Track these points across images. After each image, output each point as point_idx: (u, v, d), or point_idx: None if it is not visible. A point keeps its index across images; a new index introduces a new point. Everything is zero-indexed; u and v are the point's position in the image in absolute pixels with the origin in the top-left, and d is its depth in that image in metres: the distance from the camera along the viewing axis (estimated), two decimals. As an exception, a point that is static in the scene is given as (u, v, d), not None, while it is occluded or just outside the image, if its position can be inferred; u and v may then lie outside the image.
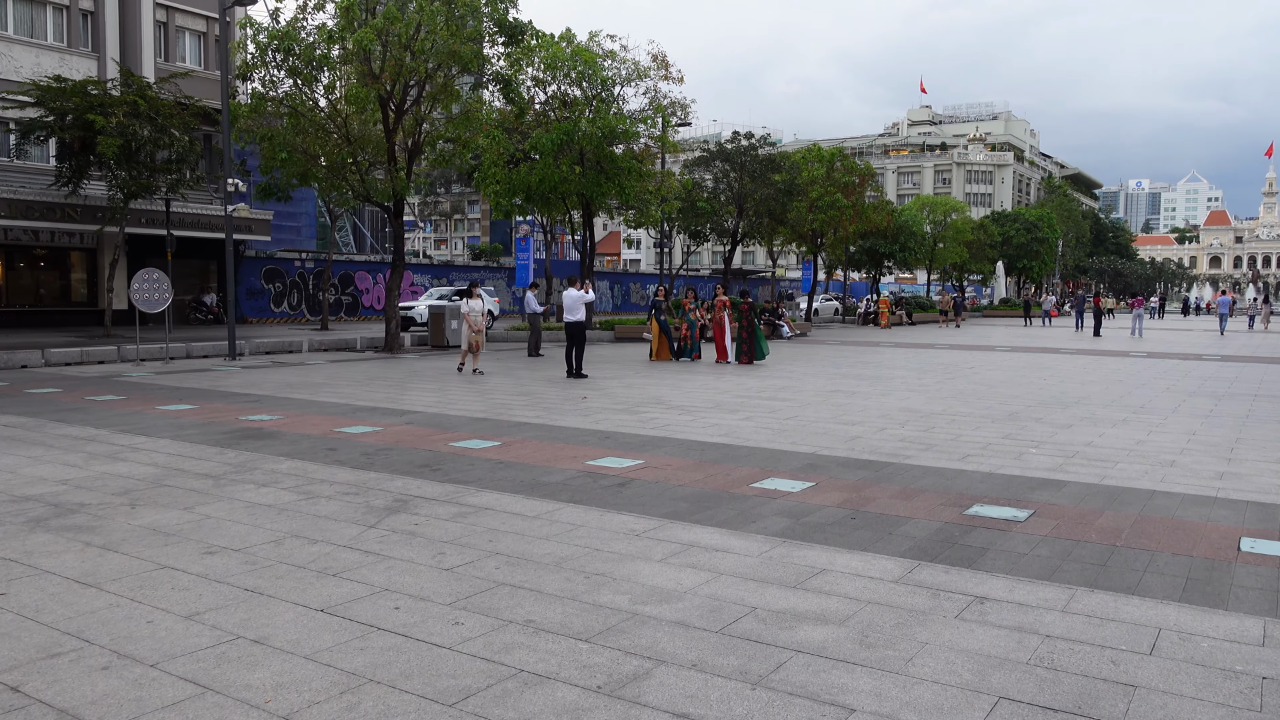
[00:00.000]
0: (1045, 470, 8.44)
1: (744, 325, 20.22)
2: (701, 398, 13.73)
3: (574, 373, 16.90)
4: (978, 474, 8.24)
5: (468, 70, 20.97)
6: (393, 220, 23.08)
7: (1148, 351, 25.71)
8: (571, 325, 17.15)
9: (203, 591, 4.92)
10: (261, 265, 41.37)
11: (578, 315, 17.16)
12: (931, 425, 11.18)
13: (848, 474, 8.17)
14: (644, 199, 30.10)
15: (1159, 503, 7.20)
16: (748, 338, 20.20)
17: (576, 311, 17.19)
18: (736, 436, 10.17)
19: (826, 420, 11.49)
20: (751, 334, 20.16)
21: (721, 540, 6.00)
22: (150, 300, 18.75)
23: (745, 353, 20.16)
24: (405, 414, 11.73)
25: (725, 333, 20.57)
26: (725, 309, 20.64)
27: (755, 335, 20.19)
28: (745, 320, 20.21)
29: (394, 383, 15.62)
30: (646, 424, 11.04)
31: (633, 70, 28.14)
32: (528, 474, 8.04)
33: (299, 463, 8.44)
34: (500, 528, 6.26)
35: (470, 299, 18.01)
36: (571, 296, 17.39)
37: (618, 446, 9.44)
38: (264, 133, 20.91)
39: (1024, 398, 14.23)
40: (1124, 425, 11.37)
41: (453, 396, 13.69)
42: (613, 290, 61.70)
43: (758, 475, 8.05)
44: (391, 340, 22.96)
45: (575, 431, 10.41)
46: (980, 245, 58.51)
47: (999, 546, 5.93)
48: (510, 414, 11.81)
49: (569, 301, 17.37)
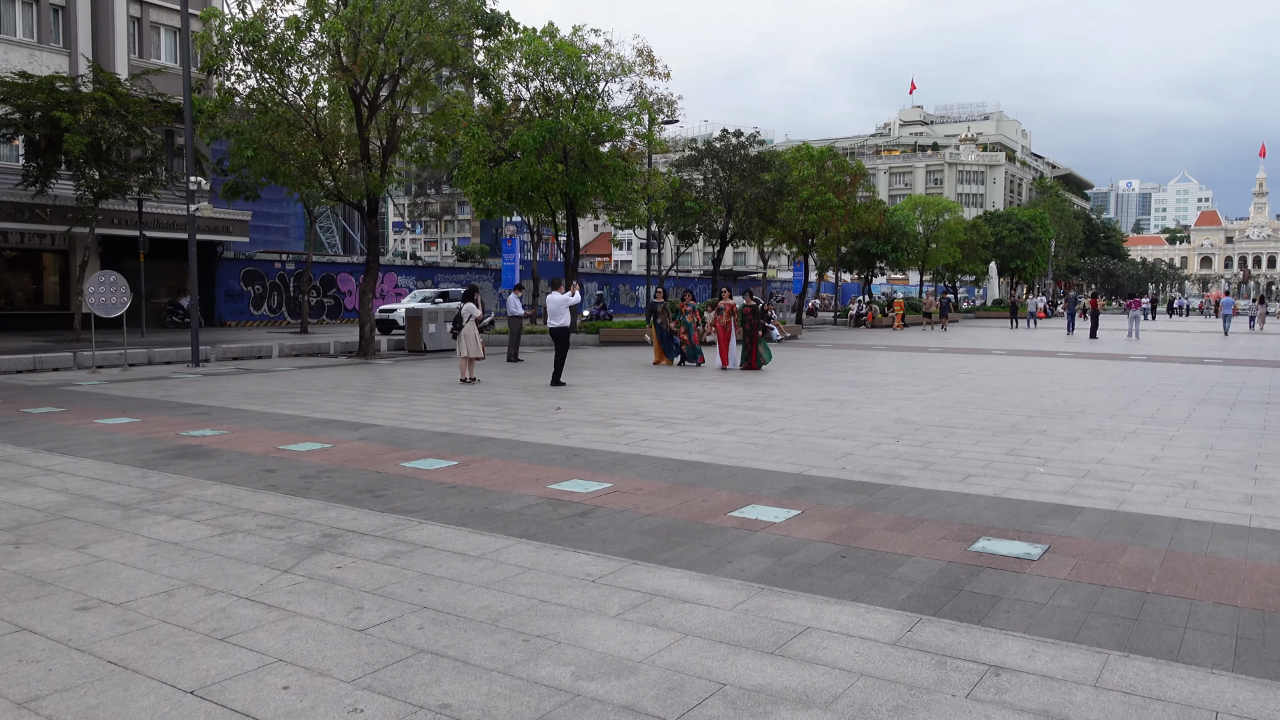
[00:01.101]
0: (1056, 494, 7.63)
1: (749, 330, 19.34)
2: (683, 408, 12.90)
3: (556, 380, 16.10)
4: (982, 498, 7.42)
5: (442, 63, 20.08)
6: (366, 220, 22.19)
7: (1147, 355, 24.98)
8: (554, 331, 16.28)
9: (54, 665, 4.06)
10: (240, 267, 40.40)
11: (561, 320, 16.25)
12: (928, 439, 10.37)
13: (838, 499, 7.34)
14: (630, 198, 29.25)
15: (1188, 535, 6.40)
16: (750, 343, 19.29)
17: (560, 316, 16.26)
18: (717, 453, 9.34)
19: (815, 434, 10.67)
20: (754, 339, 19.27)
21: (690, 587, 5.17)
22: (107, 304, 17.83)
23: (749, 357, 19.30)
24: (362, 428, 10.86)
25: (730, 337, 19.73)
26: (732, 313, 19.79)
27: (760, 340, 19.32)
28: (750, 324, 19.32)
29: (359, 392, 14.75)
30: (621, 439, 10.20)
31: (617, 66, 27.28)
32: (481, 501, 7.19)
33: (227, 488, 7.57)
34: (435, 571, 5.41)
35: (470, 303, 16.74)
36: (555, 300, 16.41)
37: (586, 466, 8.60)
38: (229, 128, 19.99)
39: (1025, 406, 13.43)
40: (1135, 438, 10.57)
41: (418, 407, 12.83)
42: (603, 292, 60.86)
43: (737, 501, 7.22)
44: (366, 345, 22.07)
45: (542, 449, 9.56)
46: (973, 246, 57.78)
47: (1012, 594, 5.11)
48: (475, 428, 10.96)
49: (552, 305, 16.44)
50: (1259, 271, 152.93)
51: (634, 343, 27.63)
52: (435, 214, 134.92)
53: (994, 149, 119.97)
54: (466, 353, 16.21)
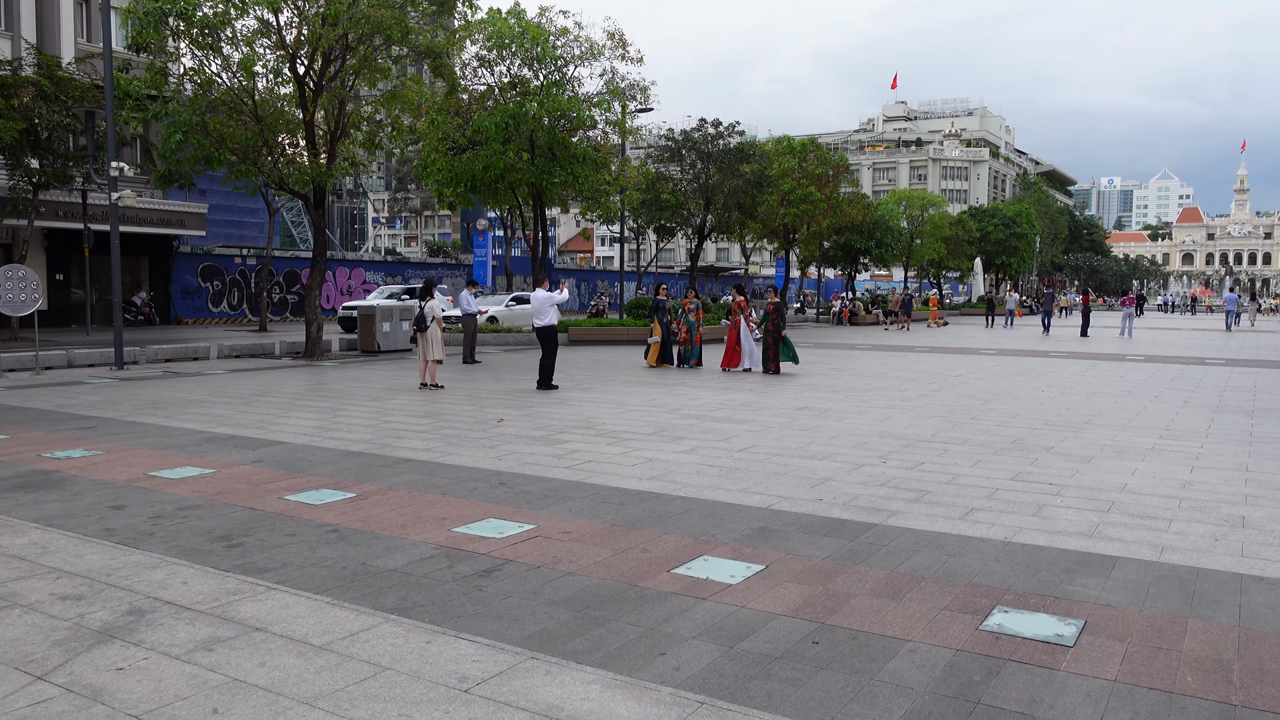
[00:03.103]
0: (1079, 535, 6.22)
1: (771, 329, 17.69)
2: (642, 420, 11.42)
3: (543, 384, 14.63)
4: (990, 544, 5.99)
5: (390, 41, 18.49)
6: (311, 211, 20.57)
7: (1145, 355, 23.71)
8: (539, 331, 14.80)
9: None
10: (198, 262, 38.63)
11: (546, 319, 14.72)
12: (920, 459, 8.94)
13: (812, 547, 5.89)
14: (602, 189, 27.73)
15: (1258, 600, 4.98)
16: (774, 343, 17.64)
17: (545, 315, 14.74)
18: (672, 479, 7.87)
19: (790, 452, 9.22)
20: (778, 339, 17.64)
21: (600, 705, 3.70)
22: (14, 302, 16.18)
23: (772, 359, 17.63)
24: (264, 446, 9.33)
25: (740, 336, 18.22)
26: (743, 310, 18.27)
27: (782, 339, 17.68)
28: (772, 323, 17.65)
29: (285, 400, 13.19)
30: (562, 459, 8.72)
31: (587, 49, 25.75)
32: (361, 552, 5.69)
33: (48, 534, 6.04)
34: (251, 676, 3.91)
35: (430, 300, 15.05)
36: (539, 298, 14.86)
37: (510, 499, 7.11)
38: (157, 111, 18.33)
39: (1025, 416, 12.04)
40: (1156, 457, 9.19)
41: (343, 419, 11.29)
42: (579, 288, 59.33)
43: (686, 551, 5.76)
44: (312, 346, 20.47)
45: (465, 473, 8.07)
46: (958, 241, 56.63)
47: (1048, 708, 3.67)
48: (397, 445, 9.45)
49: (536, 304, 14.89)
50: (1240, 268, 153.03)
51: (606, 342, 26.14)
52: (415, 209, 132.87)
53: (978, 145, 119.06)
54: (430, 355, 14.71)
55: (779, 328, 17.69)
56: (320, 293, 20.64)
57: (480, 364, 19.31)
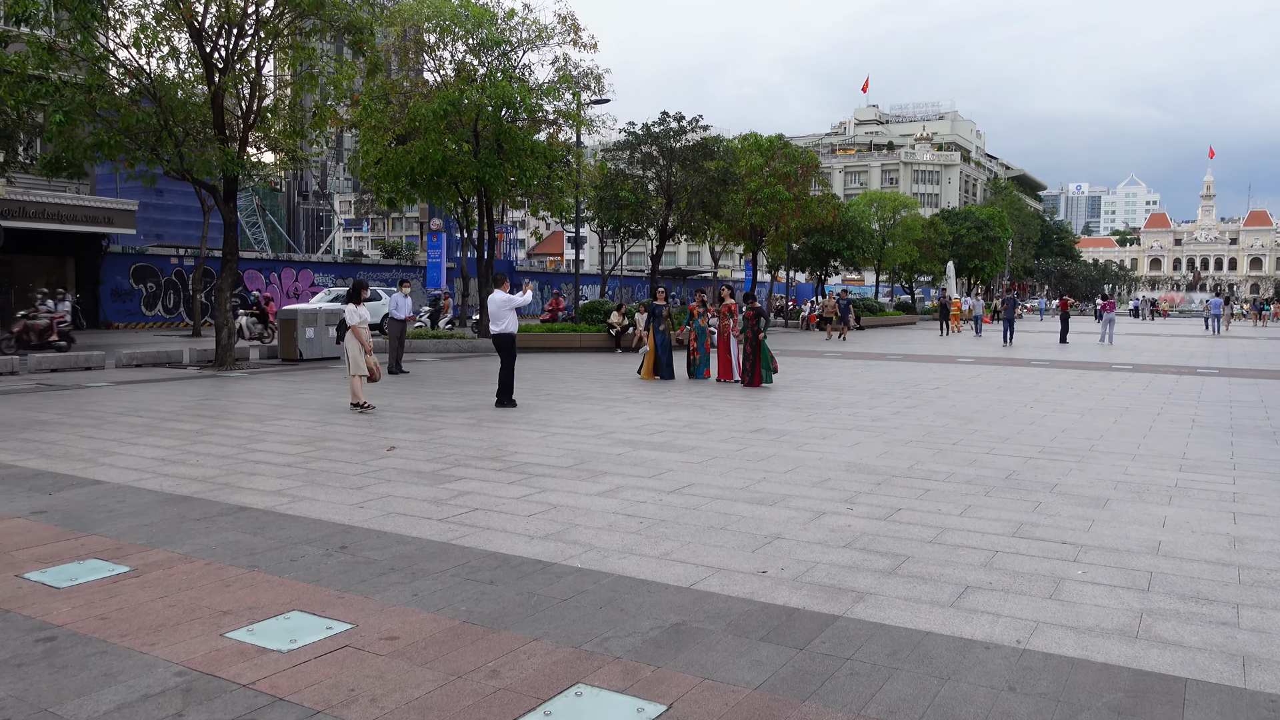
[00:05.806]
0: (1120, 635, 4.42)
1: (749, 338, 15.78)
2: (563, 448, 9.52)
3: (502, 400, 12.75)
4: (998, 654, 4.17)
5: (303, 13, 16.48)
6: (220, 205, 18.45)
7: (1132, 364, 22.17)
8: (496, 339, 12.83)
9: None
10: (130, 262, 36.22)
11: (503, 325, 12.70)
12: (895, 503, 7.13)
13: (741, 666, 4.03)
14: (554, 185, 25.82)
15: None
16: (752, 352, 15.71)
17: (502, 320, 12.72)
18: (573, 539, 6.00)
19: (733, 494, 7.37)
20: (757, 349, 15.69)
21: None
22: None
23: (749, 371, 15.71)
24: (70, 487, 7.34)
25: (731, 344, 16.36)
26: (732, 316, 16.44)
27: (761, 351, 15.73)
28: (750, 331, 15.73)
29: (148, 421, 11.15)
30: (441, 506, 6.82)
31: (536, 32, 23.86)
32: (58, 685, 3.75)
33: None
34: None
35: (356, 305, 12.59)
36: (496, 300, 12.78)
37: (340, 574, 5.20)
38: (35, 89, 16.18)
39: (1016, 440, 10.29)
40: (1184, 500, 7.44)
41: (198, 448, 9.30)
42: (543, 292, 57.34)
43: (556, 675, 3.88)
44: (223, 354, 18.36)
45: (304, 529, 6.14)
46: (931, 244, 55.27)
47: None
48: (241, 485, 7.49)
49: (493, 307, 12.84)
50: (1207, 273, 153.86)
51: (553, 349, 24.22)
52: (382, 211, 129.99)
53: (949, 149, 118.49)
54: (349, 370, 12.52)
55: (758, 334, 15.81)
56: (230, 294, 18.56)
57: (407, 374, 17.33)
